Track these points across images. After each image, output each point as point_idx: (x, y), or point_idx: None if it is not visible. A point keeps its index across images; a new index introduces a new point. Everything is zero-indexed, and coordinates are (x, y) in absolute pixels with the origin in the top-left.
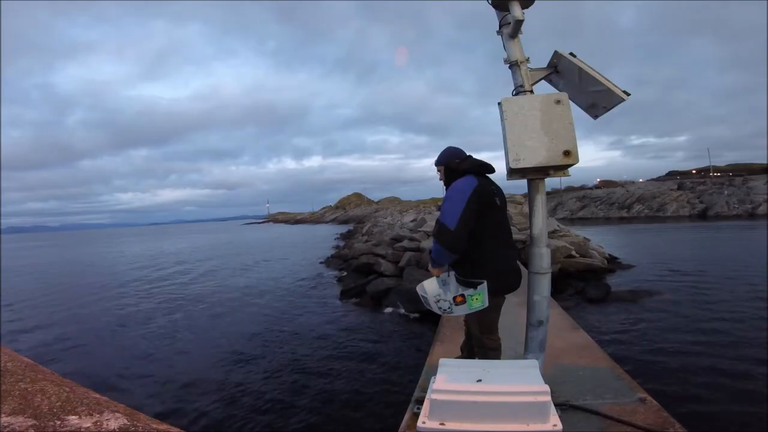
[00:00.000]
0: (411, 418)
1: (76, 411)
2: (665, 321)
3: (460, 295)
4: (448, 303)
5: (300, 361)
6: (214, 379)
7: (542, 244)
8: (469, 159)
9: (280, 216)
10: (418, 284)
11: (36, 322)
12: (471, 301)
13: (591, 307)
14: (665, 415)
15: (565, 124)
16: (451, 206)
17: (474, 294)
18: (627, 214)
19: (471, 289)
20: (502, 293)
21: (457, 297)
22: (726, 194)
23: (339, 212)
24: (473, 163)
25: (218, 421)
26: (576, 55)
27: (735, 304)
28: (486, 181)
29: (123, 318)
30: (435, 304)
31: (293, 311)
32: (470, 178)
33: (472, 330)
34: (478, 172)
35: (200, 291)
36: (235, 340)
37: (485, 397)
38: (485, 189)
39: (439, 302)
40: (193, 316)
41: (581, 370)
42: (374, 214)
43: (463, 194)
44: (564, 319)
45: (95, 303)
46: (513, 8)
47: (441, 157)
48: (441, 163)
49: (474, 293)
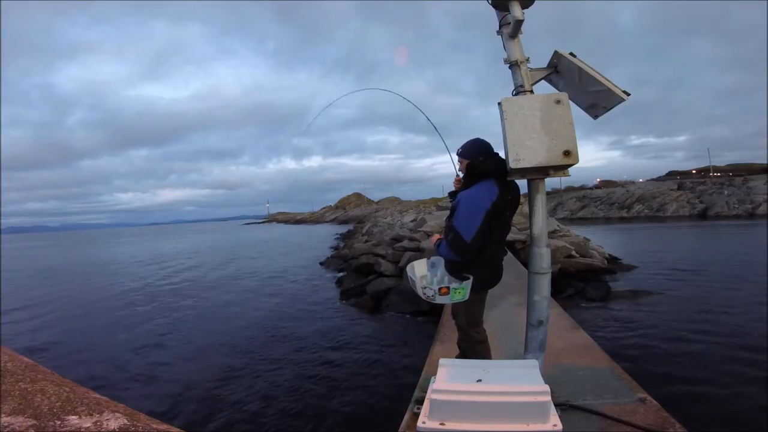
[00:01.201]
0: (411, 418)
1: (76, 411)
2: (665, 321)
3: (445, 287)
4: (433, 291)
5: (300, 361)
6: (214, 379)
7: (542, 244)
8: (494, 157)
9: (281, 216)
10: (408, 264)
11: (36, 322)
12: (454, 294)
13: (591, 307)
14: (665, 415)
15: (565, 124)
16: (470, 218)
17: (459, 288)
18: (627, 214)
19: (456, 282)
20: (487, 288)
21: (443, 288)
22: (726, 194)
23: (339, 212)
24: (497, 164)
25: (218, 421)
26: (576, 55)
27: (735, 304)
28: (504, 187)
29: (123, 318)
30: (421, 289)
31: (293, 311)
32: (492, 186)
33: (460, 323)
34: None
35: (201, 291)
36: (236, 341)
37: (485, 397)
38: (503, 201)
39: (426, 289)
40: (194, 316)
41: (581, 370)
42: (374, 214)
43: (484, 209)
44: (564, 319)
45: (95, 303)
46: (513, 8)
47: (467, 150)
48: (466, 156)
49: (459, 287)
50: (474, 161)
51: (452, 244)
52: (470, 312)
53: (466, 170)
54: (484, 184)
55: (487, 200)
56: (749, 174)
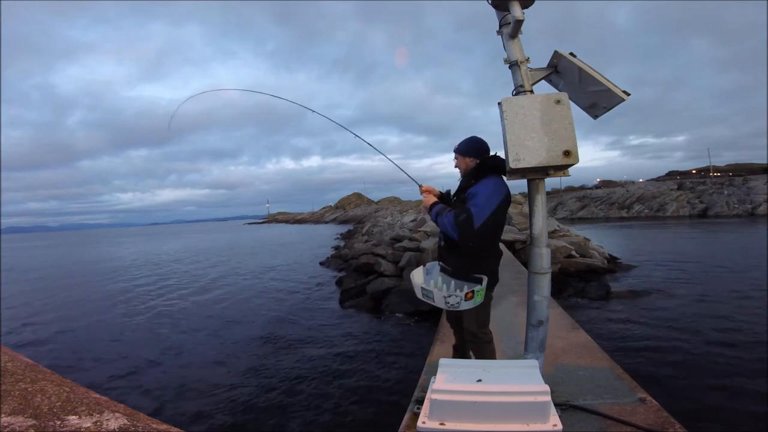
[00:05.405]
0: (411, 418)
1: (76, 411)
2: (665, 321)
3: (470, 291)
4: (458, 299)
5: (300, 361)
6: (214, 379)
7: (542, 244)
8: (495, 156)
9: (281, 216)
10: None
11: (36, 322)
12: (477, 297)
13: (591, 307)
14: (665, 415)
15: (565, 124)
16: (486, 205)
17: (480, 289)
18: (627, 214)
19: (478, 285)
20: (494, 286)
21: (468, 293)
22: (726, 194)
23: (339, 212)
24: (499, 162)
25: (218, 421)
26: (576, 55)
27: (735, 304)
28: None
29: (123, 318)
30: (443, 299)
31: (293, 311)
32: (501, 182)
33: (470, 326)
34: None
35: (201, 291)
36: (235, 341)
37: (485, 397)
38: (509, 198)
39: (449, 297)
40: (194, 316)
41: (581, 370)
42: (374, 214)
43: (497, 199)
44: (564, 319)
45: (95, 303)
46: (513, 8)
47: (473, 149)
48: (471, 154)
49: (480, 289)
50: (481, 158)
51: (461, 224)
52: (481, 313)
53: (475, 167)
54: (496, 179)
55: (499, 193)
56: (749, 174)
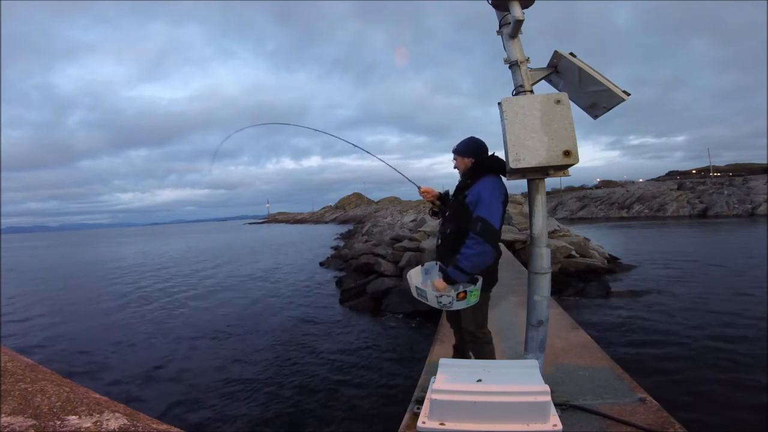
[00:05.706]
0: (411, 418)
1: (76, 411)
2: (665, 321)
3: (462, 291)
4: (450, 298)
5: (299, 361)
6: (214, 378)
7: (542, 244)
8: (493, 156)
9: (281, 216)
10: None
11: (36, 322)
12: (470, 297)
13: (591, 307)
14: (665, 415)
15: (565, 124)
16: (493, 207)
17: (474, 290)
18: (627, 214)
19: (471, 285)
20: (492, 287)
21: (460, 293)
22: (726, 194)
23: (339, 212)
24: (497, 162)
25: (218, 421)
26: (576, 55)
27: (735, 304)
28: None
29: (123, 318)
30: (435, 298)
31: (293, 311)
32: (499, 181)
33: (468, 326)
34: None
35: (201, 292)
36: (235, 342)
37: (485, 397)
38: (507, 196)
39: (441, 297)
40: (194, 316)
41: (581, 370)
42: (374, 214)
43: (499, 197)
44: (564, 319)
45: (95, 303)
46: (513, 8)
47: (472, 149)
48: (469, 154)
49: (473, 289)
50: (479, 158)
51: (485, 234)
52: (478, 313)
53: (472, 166)
54: (494, 178)
55: (499, 192)
56: (749, 174)
